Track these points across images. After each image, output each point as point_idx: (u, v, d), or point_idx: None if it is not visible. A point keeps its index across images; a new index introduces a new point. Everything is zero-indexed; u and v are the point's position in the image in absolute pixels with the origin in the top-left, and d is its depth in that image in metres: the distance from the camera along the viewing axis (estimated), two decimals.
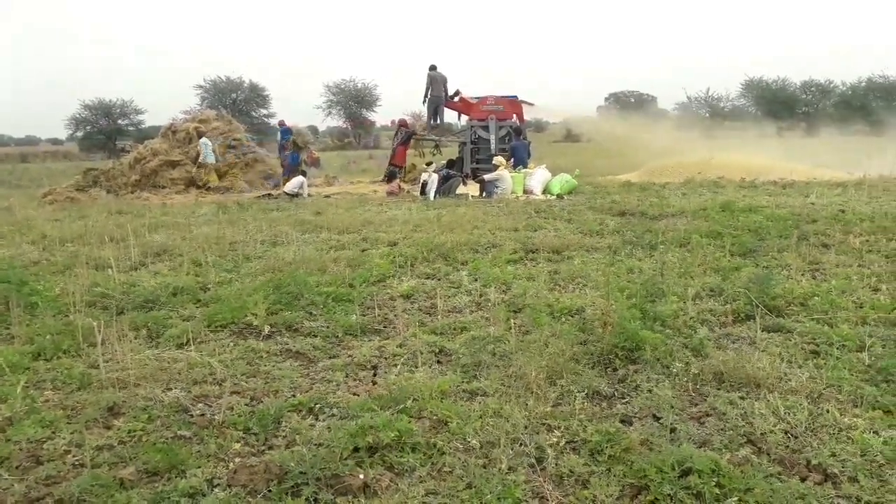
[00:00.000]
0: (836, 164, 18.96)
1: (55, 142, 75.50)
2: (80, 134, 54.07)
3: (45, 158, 47.33)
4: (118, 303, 5.88)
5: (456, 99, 19.48)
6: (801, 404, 3.54)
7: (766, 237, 8.10)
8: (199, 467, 3.08)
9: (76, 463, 3.18)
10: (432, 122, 19.99)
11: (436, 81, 19.31)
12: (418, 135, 19.96)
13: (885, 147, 22.00)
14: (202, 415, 3.67)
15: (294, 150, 20.20)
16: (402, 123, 20.18)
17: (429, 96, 19.49)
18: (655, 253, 7.54)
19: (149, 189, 17.72)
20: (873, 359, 4.15)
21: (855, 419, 3.39)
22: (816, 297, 5.45)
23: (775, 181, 16.01)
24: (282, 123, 26.45)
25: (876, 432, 3.24)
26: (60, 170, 29.77)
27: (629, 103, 64.81)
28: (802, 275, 6.37)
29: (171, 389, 4.02)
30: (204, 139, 18.26)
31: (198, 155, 18.29)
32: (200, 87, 56.66)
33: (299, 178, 16.83)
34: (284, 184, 17.32)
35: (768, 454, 3.11)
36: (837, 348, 4.39)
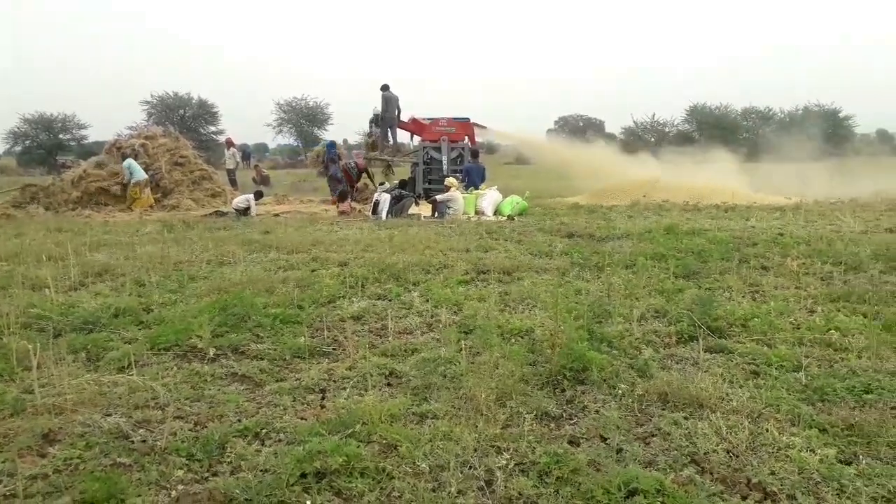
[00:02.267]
0: (775, 188, 19.69)
1: None
2: (18, 148, 52.20)
3: None
4: (56, 325, 5.67)
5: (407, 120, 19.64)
6: (742, 424, 3.63)
7: (709, 259, 8.33)
8: (140, 496, 2.99)
9: (7, 493, 3.04)
10: (385, 142, 20.04)
11: (389, 101, 19.41)
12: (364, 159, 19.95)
13: (820, 173, 22.98)
14: (143, 441, 3.56)
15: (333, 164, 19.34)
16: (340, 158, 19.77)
17: (382, 117, 19.57)
18: (602, 275, 7.68)
19: (91, 206, 17.21)
20: (809, 378, 4.30)
21: (793, 438, 3.49)
22: (756, 319, 5.62)
23: (717, 205, 16.52)
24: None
25: (812, 450, 3.35)
26: None
27: (578, 127, 66.09)
28: (743, 296, 6.57)
29: (111, 415, 3.89)
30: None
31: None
32: (147, 102, 55.49)
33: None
34: (334, 202, 17.07)
35: (711, 473, 3.18)
36: (776, 369, 4.54)
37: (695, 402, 3.94)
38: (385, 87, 19.44)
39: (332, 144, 18.91)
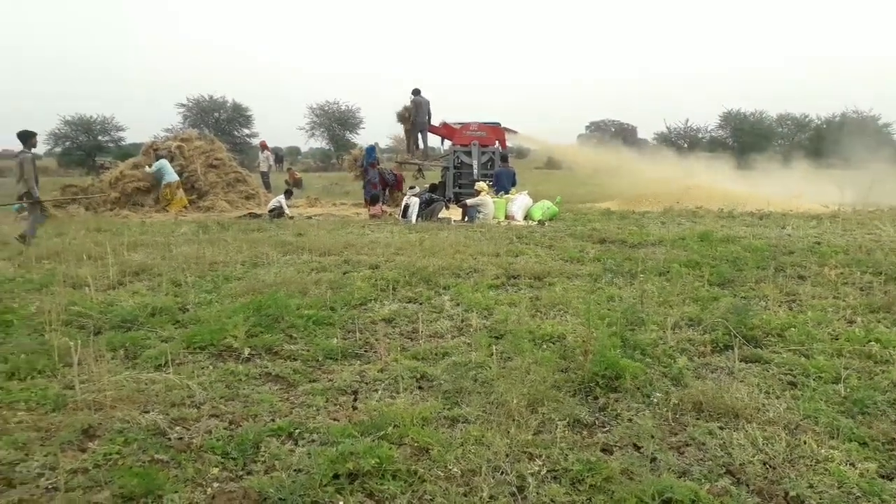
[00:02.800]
0: (812, 196, 19.33)
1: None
2: (58, 150, 53.40)
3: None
4: (95, 322, 5.80)
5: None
6: (779, 435, 3.57)
7: (744, 268, 8.21)
8: (177, 492, 3.04)
9: (50, 486, 3.12)
10: (416, 146, 20.13)
11: (419, 106, 19.49)
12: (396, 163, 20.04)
13: (858, 180, 22.49)
14: (180, 438, 3.62)
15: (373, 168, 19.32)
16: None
17: (413, 121, 19.65)
18: (635, 281, 7.61)
19: (129, 207, 17.55)
20: (849, 390, 4.21)
21: (832, 451, 3.43)
22: (793, 329, 5.53)
23: (752, 212, 16.27)
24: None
25: (852, 464, 3.29)
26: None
27: (610, 132, 65.62)
28: (779, 306, 6.46)
29: (149, 412, 3.96)
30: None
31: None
32: (183, 105, 56.47)
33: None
34: (367, 205, 17.28)
35: (747, 485, 3.13)
36: (814, 380, 4.45)
37: (730, 412, 3.89)
38: (416, 92, 19.52)
39: (371, 149, 19.01)
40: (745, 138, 54.19)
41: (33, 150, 12.05)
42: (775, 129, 58.23)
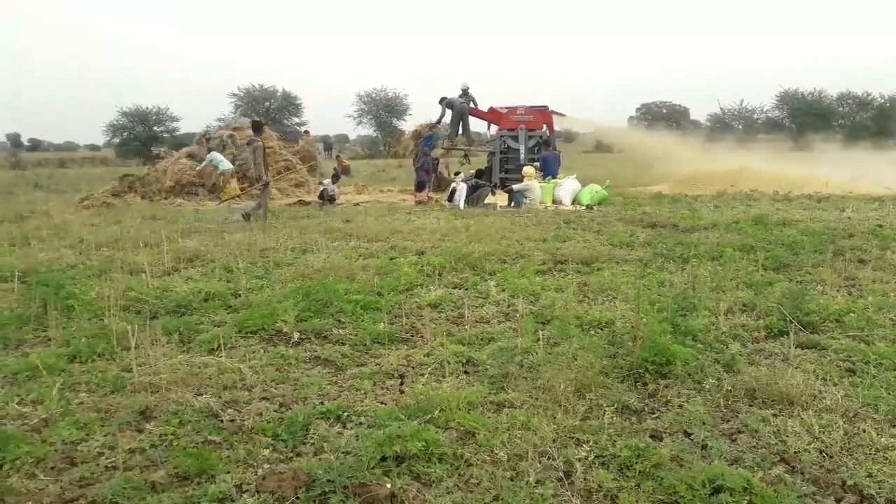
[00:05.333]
0: (874, 178, 18.58)
1: (93, 148, 77.12)
2: (116, 140, 55.05)
3: (83, 164, 48.23)
4: (151, 307, 5.98)
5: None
6: (836, 423, 3.47)
7: (801, 252, 7.96)
8: (229, 472, 3.12)
9: (109, 465, 3.23)
10: (457, 133, 20.00)
11: (453, 104, 19.44)
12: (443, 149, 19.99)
13: None
14: (232, 420, 3.71)
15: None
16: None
17: (450, 115, 19.59)
18: (687, 266, 7.45)
19: (183, 196, 17.98)
20: None
21: (892, 439, 3.31)
22: (852, 314, 5.34)
23: (810, 195, 15.75)
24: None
25: None
26: (97, 175, 30.38)
27: (661, 114, 64.24)
28: (838, 291, 6.25)
29: (202, 395, 4.07)
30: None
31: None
32: (234, 95, 57.52)
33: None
34: (415, 191, 17.52)
35: (802, 473, 3.05)
36: (874, 367, 4.30)
37: (785, 399, 3.78)
38: (464, 91, 19.54)
39: (430, 137, 19.02)
40: (804, 118, 52.37)
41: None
42: (835, 109, 56.09)
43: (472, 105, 19.57)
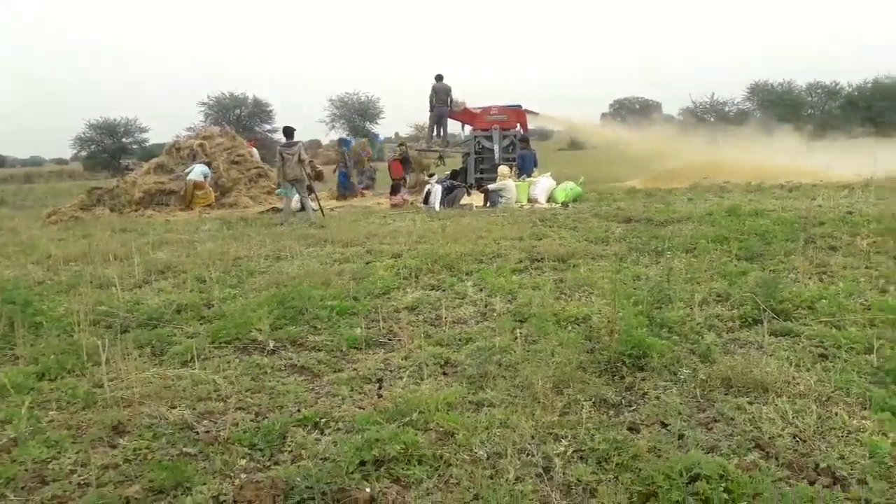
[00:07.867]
0: (843, 165, 18.89)
1: (59, 161, 75.92)
2: (84, 153, 54.35)
3: (50, 179, 47.36)
4: (122, 321, 5.88)
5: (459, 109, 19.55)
6: (809, 408, 3.50)
7: (773, 241, 8.05)
8: (205, 484, 3.07)
9: (82, 482, 3.16)
10: (434, 134, 20.03)
11: (438, 93, 19.35)
12: (416, 151, 19.99)
13: (891, 148, 21.90)
14: (207, 431, 3.66)
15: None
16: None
17: (433, 108, 19.53)
18: (662, 259, 7.51)
19: (153, 207, 17.76)
20: (881, 361, 4.11)
21: (863, 421, 3.36)
22: (824, 300, 5.41)
23: (782, 184, 15.97)
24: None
25: (885, 434, 3.21)
26: (65, 189, 29.95)
27: (634, 109, 64.80)
28: (810, 278, 6.33)
29: (176, 407, 4.00)
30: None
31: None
32: (204, 103, 57.05)
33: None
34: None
35: (777, 458, 3.07)
36: (845, 351, 4.35)
37: (759, 386, 3.82)
38: (438, 78, 19.33)
39: (346, 142, 19.53)
40: (774, 109, 53.17)
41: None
42: (805, 99, 57.02)
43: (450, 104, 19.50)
